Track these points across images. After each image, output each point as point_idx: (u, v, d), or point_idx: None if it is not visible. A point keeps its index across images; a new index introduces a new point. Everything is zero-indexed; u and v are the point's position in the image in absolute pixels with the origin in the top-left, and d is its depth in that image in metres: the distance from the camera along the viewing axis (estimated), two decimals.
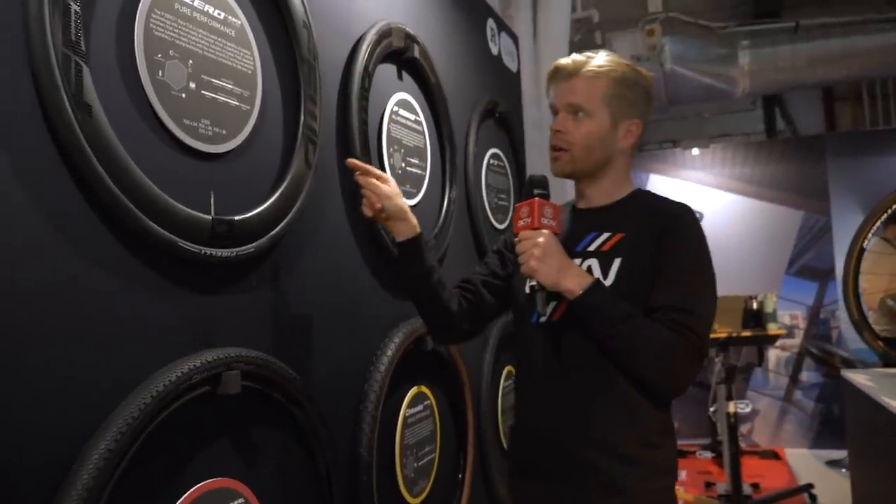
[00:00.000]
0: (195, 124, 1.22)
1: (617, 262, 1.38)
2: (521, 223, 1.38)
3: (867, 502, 2.84)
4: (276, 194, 1.43)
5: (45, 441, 0.95)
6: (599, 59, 1.43)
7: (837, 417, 5.55)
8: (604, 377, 1.36)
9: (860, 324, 2.74)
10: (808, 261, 5.80)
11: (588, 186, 1.49)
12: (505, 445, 2.72)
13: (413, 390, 1.97)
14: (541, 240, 1.33)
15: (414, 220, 1.53)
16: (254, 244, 1.35)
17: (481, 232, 2.55)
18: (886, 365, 3.13)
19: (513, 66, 3.22)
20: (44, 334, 0.96)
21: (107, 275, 1.07)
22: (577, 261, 1.42)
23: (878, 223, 2.74)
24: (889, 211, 2.71)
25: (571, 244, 1.45)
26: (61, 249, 1.00)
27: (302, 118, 1.52)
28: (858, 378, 2.84)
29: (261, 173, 1.44)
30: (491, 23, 2.94)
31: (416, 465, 1.95)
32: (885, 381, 2.72)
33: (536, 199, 1.37)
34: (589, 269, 1.41)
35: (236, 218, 1.30)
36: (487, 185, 2.71)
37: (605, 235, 1.43)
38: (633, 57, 5.20)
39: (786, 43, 5.27)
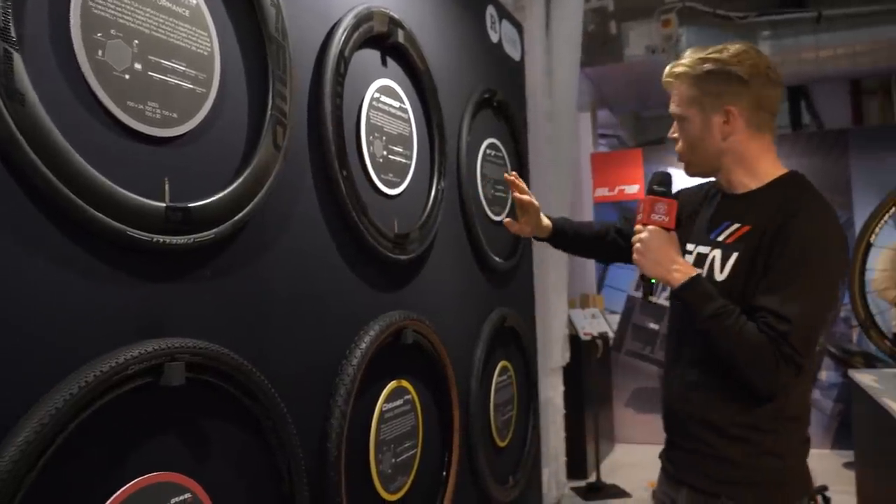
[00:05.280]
0: (141, 107, 1.18)
1: (734, 257, 1.40)
2: (638, 217, 1.49)
3: (871, 501, 2.74)
4: (241, 178, 1.39)
5: None
6: (681, 67, 1.45)
7: None
8: (714, 363, 1.41)
9: (866, 323, 2.63)
10: None
11: (721, 178, 1.51)
12: (499, 442, 2.67)
13: (392, 384, 1.92)
14: (644, 235, 1.44)
15: (547, 221, 1.86)
16: (214, 230, 1.31)
17: (474, 223, 2.49)
18: None
19: (515, 55, 3.15)
20: None
21: (48, 265, 1.04)
22: (707, 248, 1.47)
23: (887, 217, 2.61)
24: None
25: (710, 231, 1.50)
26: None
27: (270, 100, 1.47)
28: (864, 378, 2.73)
29: (225, 157, 1.39)
30: (491, 10, 2.87)
31: (393, 460, 1.91)
32: (889, 381, 2.61)
33: (649, 196, 1.48)
34: (713, 259, 1.45)
35: (193, 204, 1.26)
36: (483, 176, 2.64)
37: (735, 227, 1.44)
38: (647, 48, 5.09)
39: (808, 33, 5.10)
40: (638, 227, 1.47)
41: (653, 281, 1.48)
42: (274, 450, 1.44)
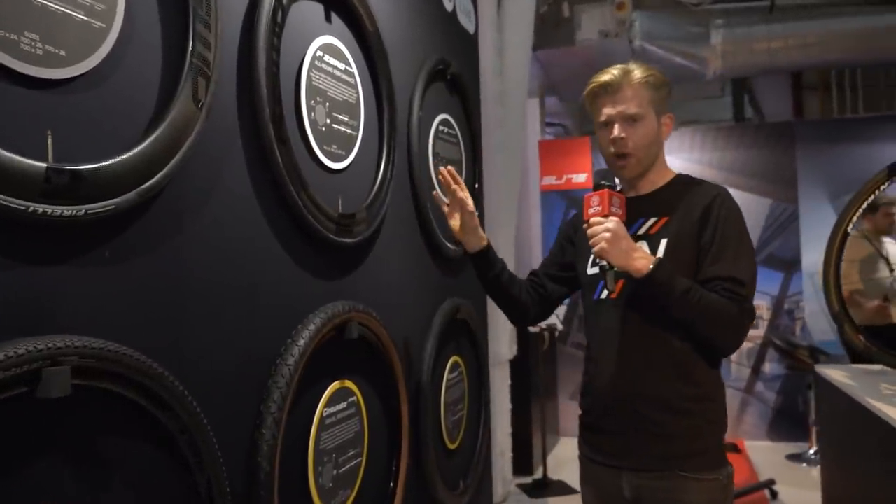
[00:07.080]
0: (14, 37, 0.91)
1: (663, 243, 1.55)
2: (591, 210, 1.52)
3: (838, 500, 2.65)
4: (152, 137, 1.12)
5: None
6: (638, 71, 1.59)
7: (800, 410, 5.42)
8: (659, 343, 1.54)
9: (840, 316, 2.52)
10: (774, 250, 5.63)
11: (639, 179, 1.64)
12: (449, 445, 2.46)
13: (334, 385, 1.68)
14: (611, 225, 1.48)
15: (483, 233, 1.74)
16: (114, 201, 1.05)
17: (425, 205, 2.26)
18: (855, 359, 2.93)
19: (470, 27, 2.93)
20: None
21: None
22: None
23: (865, 205, 2.52)
24: (877, 192, 2.49)
25: (627, 230, 1.58)
26: None
27: (190, 45, 1.21)
28: (835, 375, 2.63)
29: (130, 110, 1.13)
30: None
31: (335, 472, 1.67)
32: (863, 379, 2.52)
33: (606, 189, 1.52)
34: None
35: (86, 167, 1.00)
36: (436, 155, 2.42)
37: (652, 220, 1.60)
38: (601, 32, 4.95)
39: (760, 23, 5.06)
40: (597, 218, 1.51)
41: (615, 269, 1.50)
42: (192, 469, 1.18)
